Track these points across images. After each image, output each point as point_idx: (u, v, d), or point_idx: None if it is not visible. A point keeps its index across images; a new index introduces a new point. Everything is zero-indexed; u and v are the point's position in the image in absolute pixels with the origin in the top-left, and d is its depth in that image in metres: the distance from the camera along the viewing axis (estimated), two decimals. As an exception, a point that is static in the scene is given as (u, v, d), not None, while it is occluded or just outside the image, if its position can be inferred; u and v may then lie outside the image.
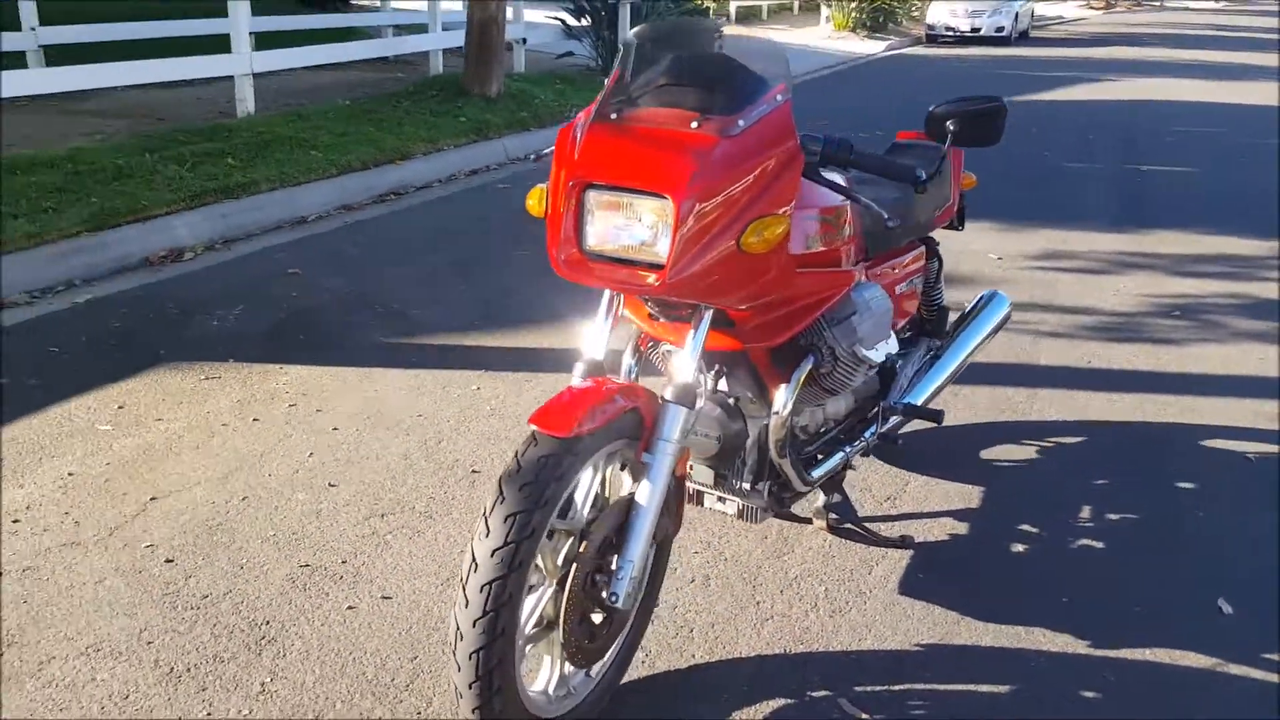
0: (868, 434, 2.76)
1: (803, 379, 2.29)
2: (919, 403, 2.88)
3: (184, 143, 6.80)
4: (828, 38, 21.46)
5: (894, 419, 2.84)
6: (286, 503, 3.00)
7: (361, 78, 10.61)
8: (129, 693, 2.21)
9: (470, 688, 1.79)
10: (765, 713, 2.23)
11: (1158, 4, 46.12)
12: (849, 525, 2.88)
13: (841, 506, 2.88)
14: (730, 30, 2.99)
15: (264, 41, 10.20)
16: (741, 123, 1.92)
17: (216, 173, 6.28)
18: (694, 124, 1.92)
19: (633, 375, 2.45)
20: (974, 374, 4.09)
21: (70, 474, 3.11)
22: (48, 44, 8.44)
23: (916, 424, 3.61)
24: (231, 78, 7.90)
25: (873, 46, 20.73)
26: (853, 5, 22.11)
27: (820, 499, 2.87)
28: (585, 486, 2.02)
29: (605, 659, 2.18)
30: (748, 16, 23.73)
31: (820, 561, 2.80)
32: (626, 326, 2.41)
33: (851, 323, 2.34)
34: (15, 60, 8.34)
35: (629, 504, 2.00)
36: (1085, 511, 3.13)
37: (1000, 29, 22.17)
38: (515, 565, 1.75)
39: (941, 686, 2.34)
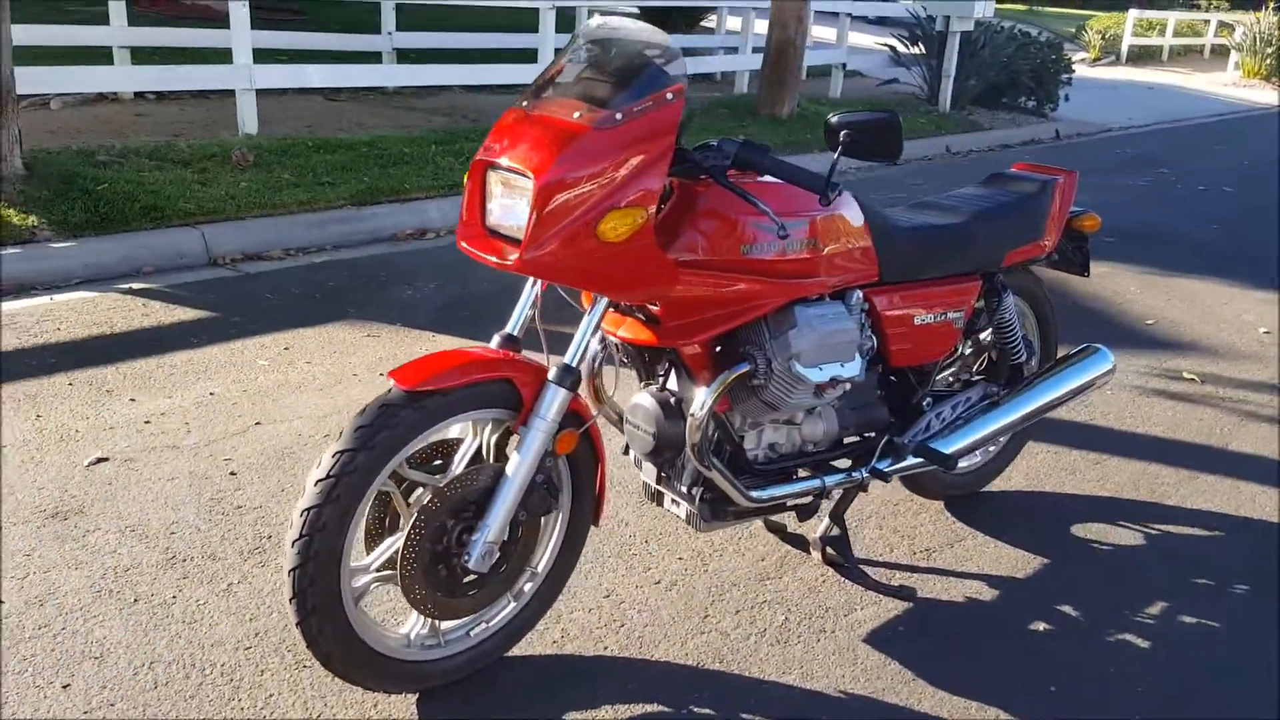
0: (864, 469, 2.64)
1: (726, 383, 2.27)
2: (949, 451, 2.70)
3: (472, 139, 7.58)
4: (1232, 84, 19.39)
5: (907, 459, 2.68)
6: (356, 447, 3.36)
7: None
8: (129, 567, 2.64)
9: (291, 602, 1.99)
10: (630, 713, 2.24)
11: None
12: (845, 563, 2.76)
13: (838, 540, 2.75)
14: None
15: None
16: (618, 116, 1.98)
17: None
18: (576, 114, 2.00)
19: (597, 363, 2.54)
20: (1136, 446, 3.72)
21: (211, 394, 3.69)
22: (400, 47, 9.70)
23: (1015, 483, 3.35)
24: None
25: (1284, 97, 18.43)
26: (1270, 50, 19.78)
27: (821, 527, 2.78)
28: (465, 448, 2.16)
29: (490, 625, 2.30)
30: (1141, 57, 21.95)
31: (802, 593, 2.70)
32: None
33: (788, 336, 2.28)
34: (373, 58, 9.71)
35: (499, 473, 2.11)
36: (1155, 608, 2.76)
37: None
38: (332, 498, 1.93)
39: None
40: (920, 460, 2.68)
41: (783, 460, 2.56)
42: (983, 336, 3.00)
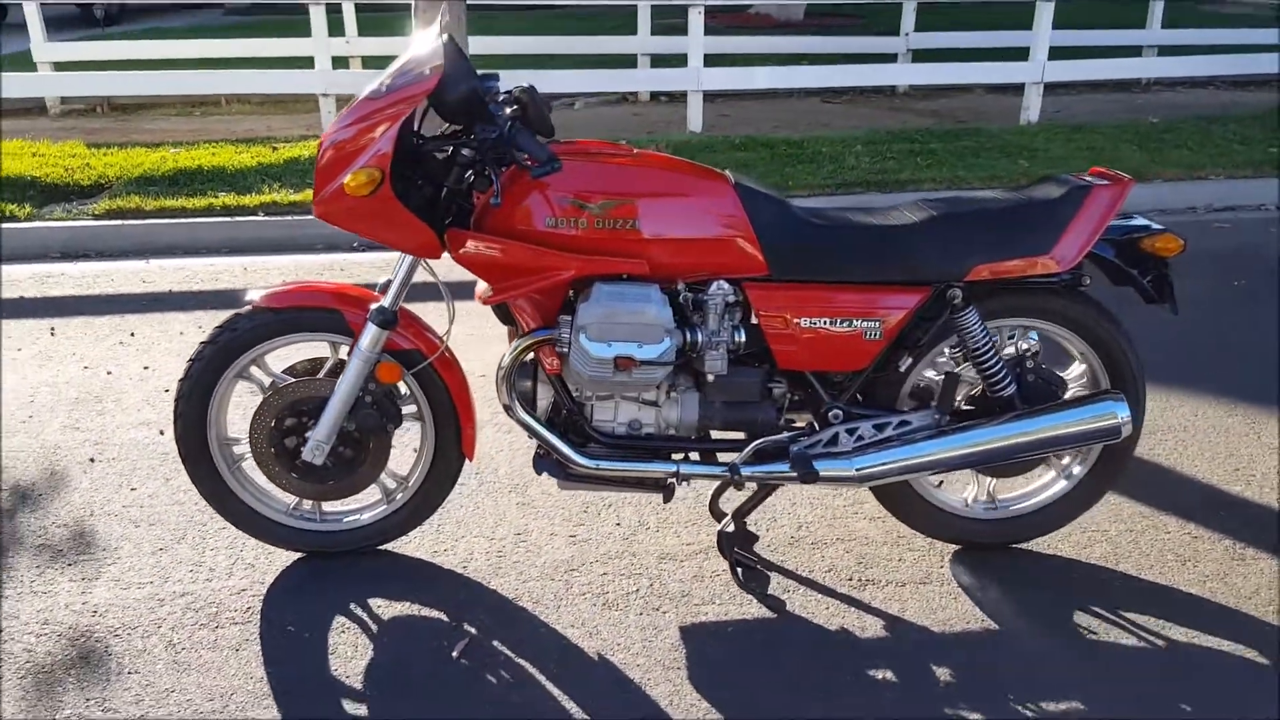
0: (726, 464, 2.65)
1: (523, 346, 2.55)
2: (832, 473, 2.60)
3: (905, 140, 7.65)
4: None
5: (775, 465, 2.63)
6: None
7: (1256, 98, 9.76)
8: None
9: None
10: (408, 612, 2.68)
11: None
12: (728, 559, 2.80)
13: (730, 536, 2.79)
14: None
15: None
16: (384, 88, 2.41)
17: (894, 167, 7.04)
18: (371, 88, 2.47)
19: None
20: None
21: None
22: (916, 48, 9.94)
23: (1095, 553, 2.97)
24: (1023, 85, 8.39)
25: None
26: None
27: (723, 522, 2.84)
28: (329, 364, 2.78)
29: (361, 519, 2.88)
30: None
31: (687, 580, 2.82)
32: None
33: (580, 308, 2.48)
34: (889, 59, 10.08)
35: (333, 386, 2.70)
36: (1047, 707, 2.38)
37: None
38: (190, 375, 2.68)
39: (561, 694, 2.44)
40: (791, 472, 2.61)
41: (648, 440, 2.70)
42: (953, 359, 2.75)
